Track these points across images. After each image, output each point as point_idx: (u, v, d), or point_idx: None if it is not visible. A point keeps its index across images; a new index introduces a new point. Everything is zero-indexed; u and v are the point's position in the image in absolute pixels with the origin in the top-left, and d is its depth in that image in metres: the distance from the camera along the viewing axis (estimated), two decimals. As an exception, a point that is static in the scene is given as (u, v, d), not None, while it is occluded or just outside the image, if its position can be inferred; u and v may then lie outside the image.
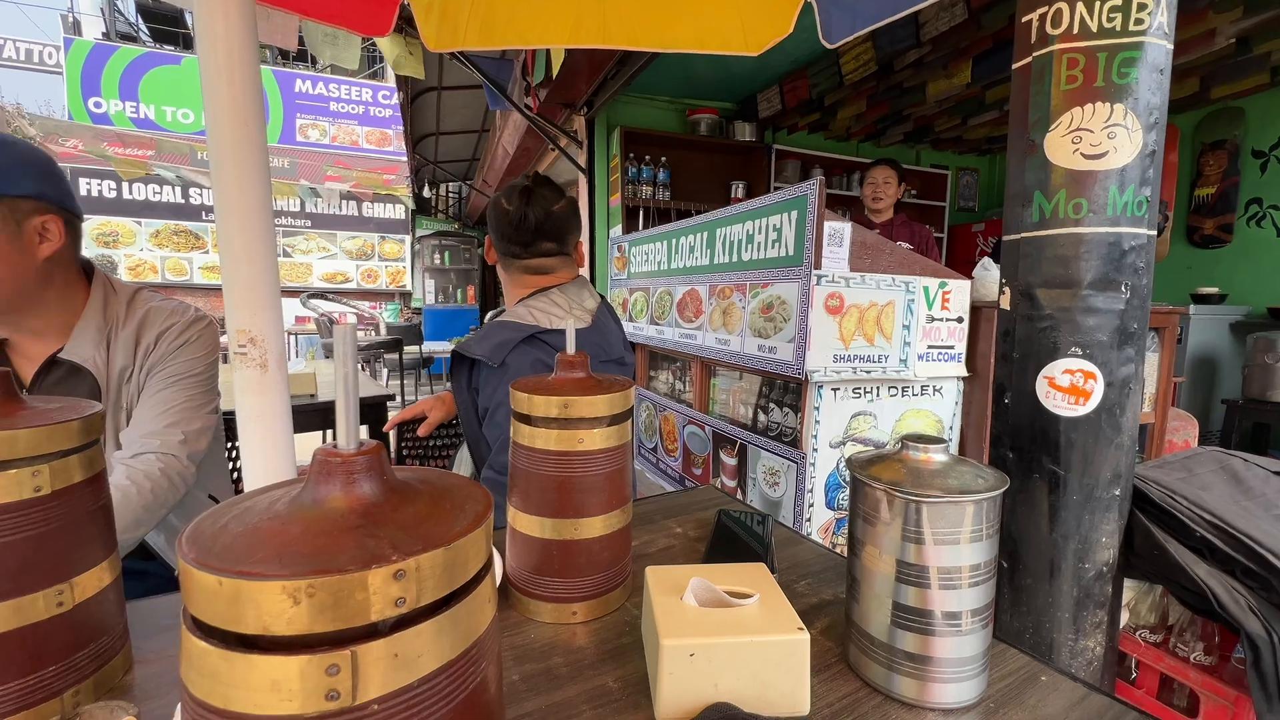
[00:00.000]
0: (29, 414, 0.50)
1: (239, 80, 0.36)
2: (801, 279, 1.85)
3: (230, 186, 0.37)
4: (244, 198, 0.37)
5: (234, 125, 0.36)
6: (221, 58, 0.35)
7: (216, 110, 0.36)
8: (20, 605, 0.48)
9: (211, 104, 0.36)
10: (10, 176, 0.88)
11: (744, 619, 0.53)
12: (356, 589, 0.24)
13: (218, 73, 0.35)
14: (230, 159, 0.36)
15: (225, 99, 0.35)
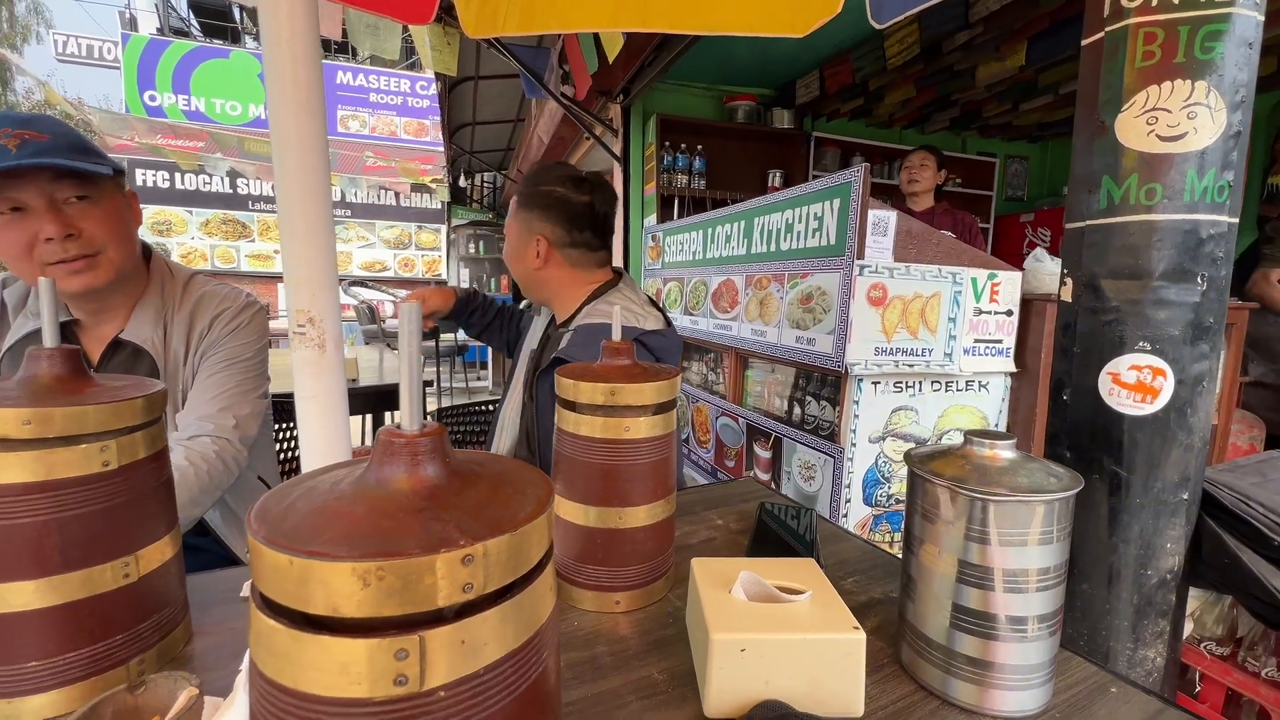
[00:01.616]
0: (97, 391, 0.51)
1: (302, 69, 0.36)
2: (843, 269, 1.80)
3: (292, 171, 0.36)
4: (305, 181, 0.37)
5: (296, 112, 0.36)
6: (285, 48, 0.35)
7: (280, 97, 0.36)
8: (89, 576, 0.50)
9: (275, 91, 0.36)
10: (105, 157, 0.92)
11: (796, 615, 0.51)
12: (425, 573, 0.23)
13: (281, 62, 0.35)
14: (293, 145, 0.36)
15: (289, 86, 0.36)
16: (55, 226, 0.89)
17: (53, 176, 0.89)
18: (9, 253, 0.89)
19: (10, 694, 0.48)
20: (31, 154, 0.87)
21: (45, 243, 0.89)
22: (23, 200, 0.88)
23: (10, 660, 0.48)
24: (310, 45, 0.38)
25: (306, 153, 0.37)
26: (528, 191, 1.26)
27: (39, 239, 0.89)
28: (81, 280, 0.94)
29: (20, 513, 0.47)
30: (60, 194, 0.91)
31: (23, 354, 0.99)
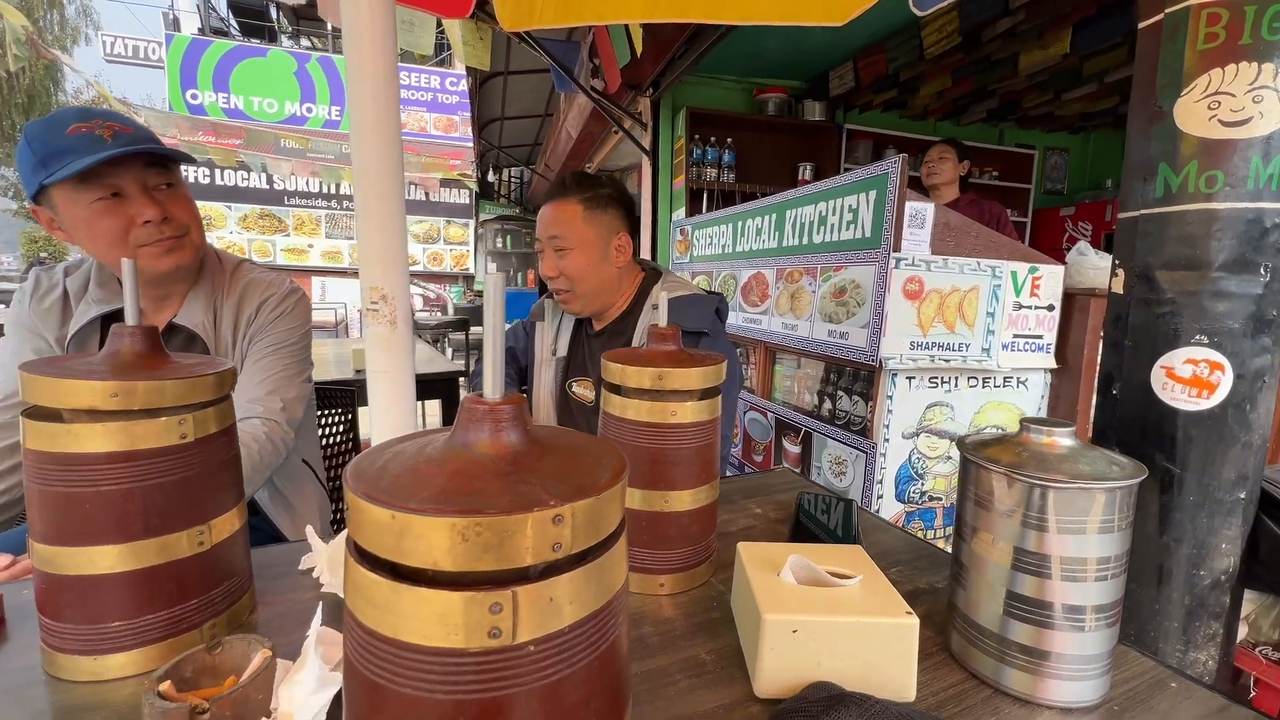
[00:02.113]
0: (174, 367, 0.54)
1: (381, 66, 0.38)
2: (878, 262, 1.78)
3: (369, 159, 0.38)
4: (380, 168, 0.38)
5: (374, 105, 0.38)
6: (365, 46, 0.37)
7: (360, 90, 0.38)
8: (167, 543, 0.52)
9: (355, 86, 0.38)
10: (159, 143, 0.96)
11: (847, 599, 0.51)
12: (519, 531, 0.24)
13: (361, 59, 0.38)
14: (370, 135, 0.38)
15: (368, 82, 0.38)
16: (153, 209, 0.94)
17: (145, 164, 0.94)
18: (106, 237, 0.93)
19: (95, 651, 0.51)
20: (127, 143, 0.92)
21: (142, 225, 0.94)
22: (121, 186, 0.93)
23: (96, 620, 0.50)
24: (388, 44, 0.39)
25: (382, 142, 0.39)
26: (596, 195, 1.23)
27: (135, 222, 0.94)
28: (172, 259, 0.99)
29: (107, 480, 0.49)
30: (151, 180, 0.96)
31: (86, 339, 1.04)
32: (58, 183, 0.88)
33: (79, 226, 0.92)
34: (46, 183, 0.88)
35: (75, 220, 0.92)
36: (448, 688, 0.25)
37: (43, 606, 0.51)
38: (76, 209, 0.91)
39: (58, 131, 0.88)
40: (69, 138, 0.88)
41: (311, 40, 10.83)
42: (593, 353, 1.36)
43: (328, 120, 8.67)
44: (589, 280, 1.25)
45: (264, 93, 8.46)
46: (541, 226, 1.26)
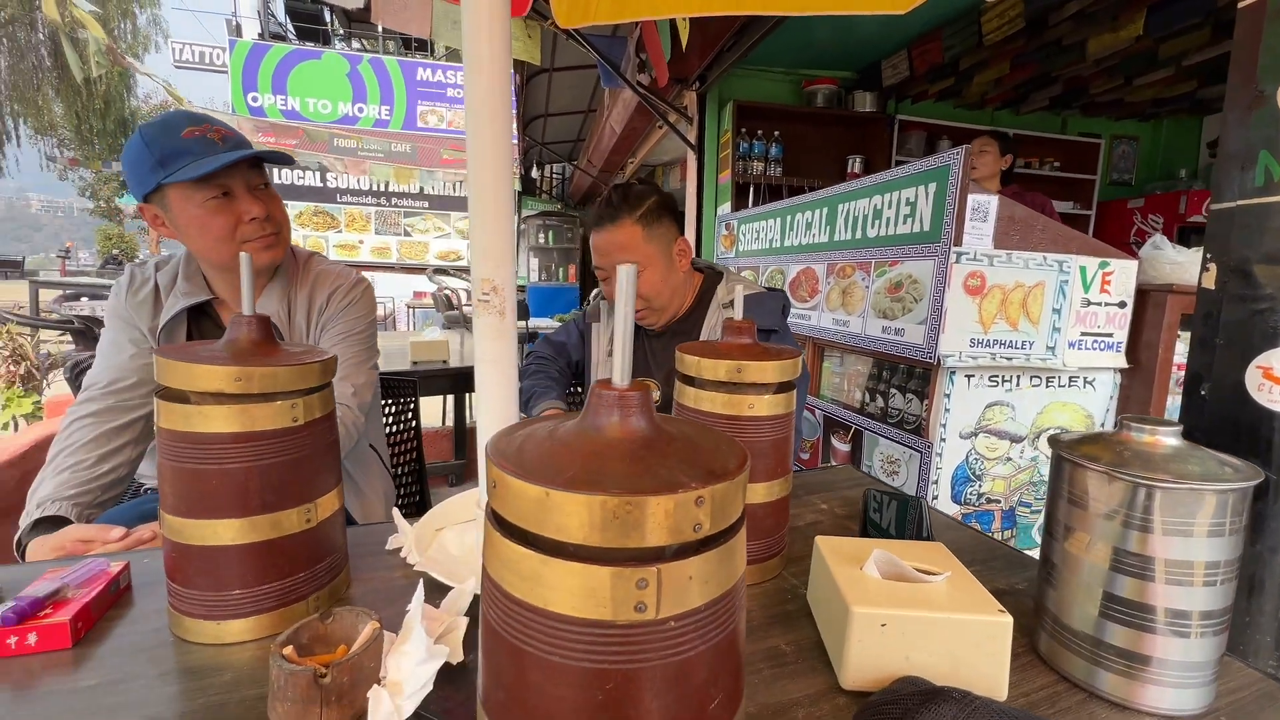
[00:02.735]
0: (285, 355, 0.57)
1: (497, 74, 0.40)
2: (938, 256, 1.73)
3: (484, 155, 0.40)
4: (493, 164, 0.40)
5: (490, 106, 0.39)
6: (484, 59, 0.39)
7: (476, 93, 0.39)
8: (279, 519, 0.56)
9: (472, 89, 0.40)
10: None
11: (935, 595, 0.51)
12: (666, 511, 0.25)
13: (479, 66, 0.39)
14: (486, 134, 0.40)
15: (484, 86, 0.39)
16: (259, 208, 1.02)
17: (249, 166, 1.01)
18: (216, 234, 1.00)
19: (218, 617, 0.55)
20: (233, 146, 0.99)
21: (248, 223, 1.01)
22: (230, 186, 1.00)
23: (219, 587, 0.54)
24: (504, 54, 0.41)
25: (496, 146, 0.41)
26: (648, 209, 1.22)
27: (242, 219, 1.01)
28: (270, 254, 1.06)
29: (229, 458, 0.53)
30: (253, 180, 1.03)
31: (174, 329, 1.11)
32: (175, 182, 0.94)
33: (190, 223, 0.98)
34: (165, 182, 0.94)
35: (187, 217, 0.98)
36: (594, 657, 0.26)
37: (171, 573, 0.56)
38: (189, 207, 0.97)
39: (173, 134, 0.95)
40: (185, 140, 0.94)
41: (362, 42, 11.16)
42: (654, 352, 1.37)
43: (378, 119, 8.93)
44: (663, 293, 1.27)
45: (318, 94, 8.77)
46: (602, 254, 1.25)
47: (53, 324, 4.30)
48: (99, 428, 0.99)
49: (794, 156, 3.86)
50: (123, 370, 1.05)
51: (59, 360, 3.19)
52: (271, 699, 0.45)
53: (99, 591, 0.57)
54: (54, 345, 4.28)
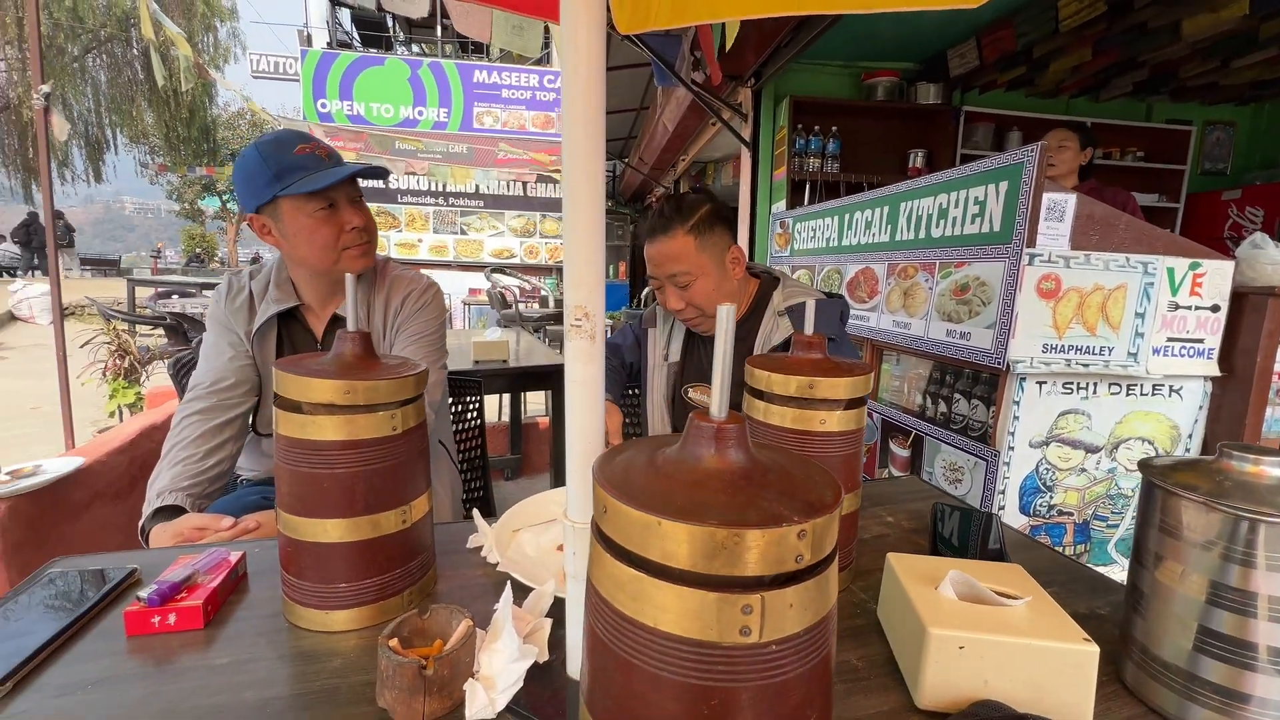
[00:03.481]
0: (384, 368, 0.62)
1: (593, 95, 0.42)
2: (1009, 258, 1.67)
3: (580, 184, 0.42)
4: (588, 194, 0.42)
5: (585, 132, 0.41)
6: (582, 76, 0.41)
7: (572, 119, 0.42)
8: (379, 520, 0.61)
9: (569, 115, 0.42)
10: None
11: (1015, 620, 0.51)
12: (771, 542, 0.27)
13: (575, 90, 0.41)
14: (581, 163, 0.42)
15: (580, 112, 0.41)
16: (359, 218, 1.11)
17: (349, 180, 1.10)
18: (323, 243, 1.09)
19: (326, 607, 0.60)
20: (336, 163, 1.09)
21: (349, 231, 1.10)
22: (335, 198, 1.09)
23: (327, 580, 0.60)
24: (598, 74, 0.43)
25: (590, 181, 0.43)
26: (701, 218, 1.22)
27: (344, 229, 1.10)
28: (365, 260, 1.15)
29: (337, 464, 0.58)
30: (353, 194, 1.12)
31: (265, 333, 1.20)
32: (289, 195, 1.02)
33: (300, 233, 1.07)
34: (281, 194, 1.03)
35: (297, 227, 1.07)
36: (700, 674, 0.28)
37: (286, 565, 0.61)
38: (300, 217, 1.06)
39: (287, 151, 1.04)
40: (297, 156, 1.03)
41: (422, 47, 11.55)
42: (709, 358, 1.38)
43: (436, 122, 9.23)
44: (714, 302, 1.26)
45: (381, 99, 9.14)
46: (656, 265, 1.26)
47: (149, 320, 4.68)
48: (205, 424, 1.08)
49: (852, 152, 3.77)
50: (223, 371, 1.14)
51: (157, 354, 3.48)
52: (380, 686, 0.50)
53: (223, 578, 0.64)
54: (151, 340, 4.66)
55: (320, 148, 1.08)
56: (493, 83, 9.40)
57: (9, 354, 7.12)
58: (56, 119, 2.83)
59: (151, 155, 16.83)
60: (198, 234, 20.37)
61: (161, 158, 16.74)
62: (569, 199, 0.44)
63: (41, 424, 4.28)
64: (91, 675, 0.53)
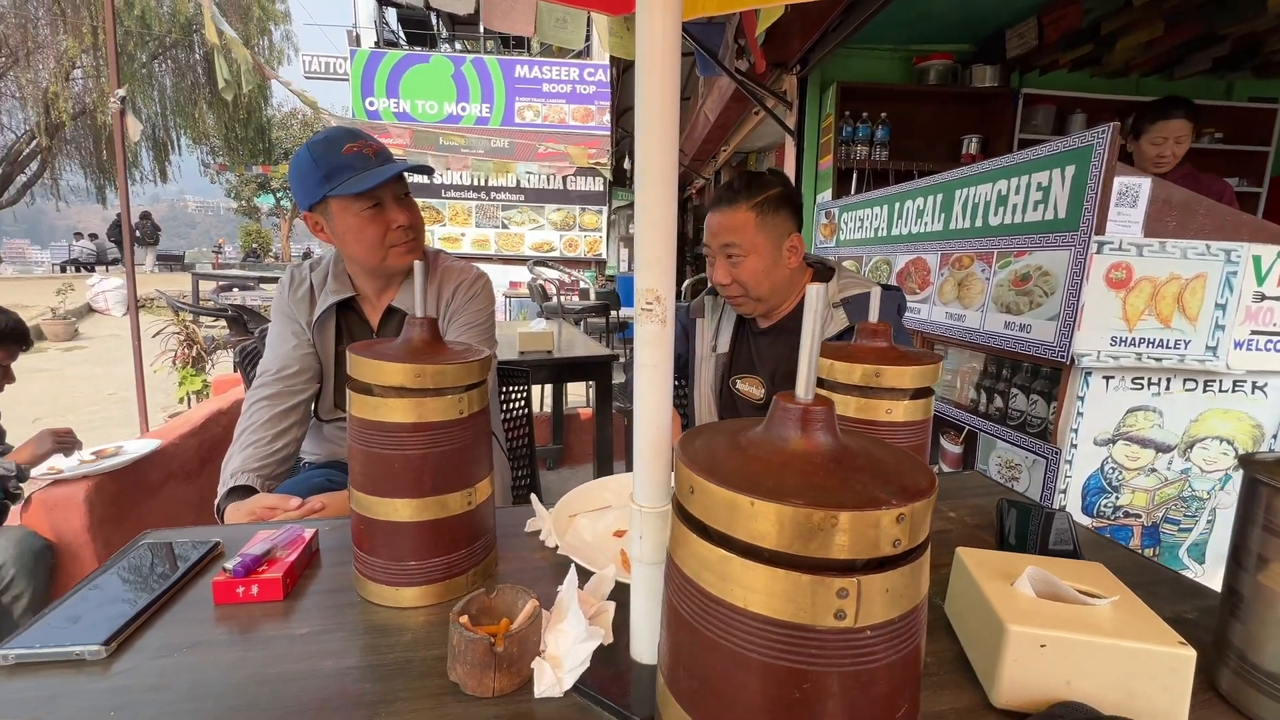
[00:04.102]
0: (450, 354, 0.63)
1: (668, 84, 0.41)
2: (1075, 246, 1.58)
3: (654, 168, 0.42)
4: (661, 177, 0.42)
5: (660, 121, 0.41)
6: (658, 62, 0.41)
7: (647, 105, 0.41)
8: (446, 501, 0.62)
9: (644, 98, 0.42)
10: None
11: (1102, 619, 0.48)
12: (870, 525, 0.26)
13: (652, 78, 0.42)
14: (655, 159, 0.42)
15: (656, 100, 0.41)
16: (405, 216, 1.13)
17: (395, 178, 1.11)
18: (371, 239, 1.12)
19: (396, 583, 0.62)
20: (384, 160, 1.11)
21: (395, 229, 1.12)
22: (381, 197, 1.11)
23: (397, 557, 0.62)
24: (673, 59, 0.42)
25: (664, 161, 0.43)
26: (767, 198, 1.22)
27: (391, 226, 1.12)
28: (411, 256, 1.17)
29: (407, 446, 0.60)
30: (399, 191, 1.14)
31: (325, 323, 1.24)
32: (337, 195, 1.05)
33: (348, 231, 1.10)
34: (330, 195, 1.05)
35: (345, 226, 1.09)
36: (790, 656, 0.28)
37: (359, 542, 0.64)
38: (348, 216, 1.08)
39: (335, 150, 1.06)
40: (345, 156, 1.05)
41: (464, 43, 11.74)
42: (759, 350, 1.36)
43: (479, 117, 9.37)
44: (763, 285, 1.25)
45: (426, 95, 9.33)
46: (711, 234, 1.26)
47: (212, 311, 4.92)
48: (272, 409, 1.13)
49: (902, 139, 3.64)
50: (288, 359, 1.19)
51: (221, 343, 3.66)
52: (451, 660, 0.51)
53: (299, 553, 0.67)
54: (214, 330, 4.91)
55: (369, 145, 1.09)
56: (533, 77, 9.48)
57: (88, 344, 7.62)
58: (130, 120, 3.00)
59: (212, 155, 17.67)
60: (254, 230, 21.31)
61: (221, 157, 17.55)
62: (642, 183, 0.44)
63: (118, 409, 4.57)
64: (185, 639, 0.57)
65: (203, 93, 16.02)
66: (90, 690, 0.50)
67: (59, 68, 13.93)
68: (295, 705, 0.49)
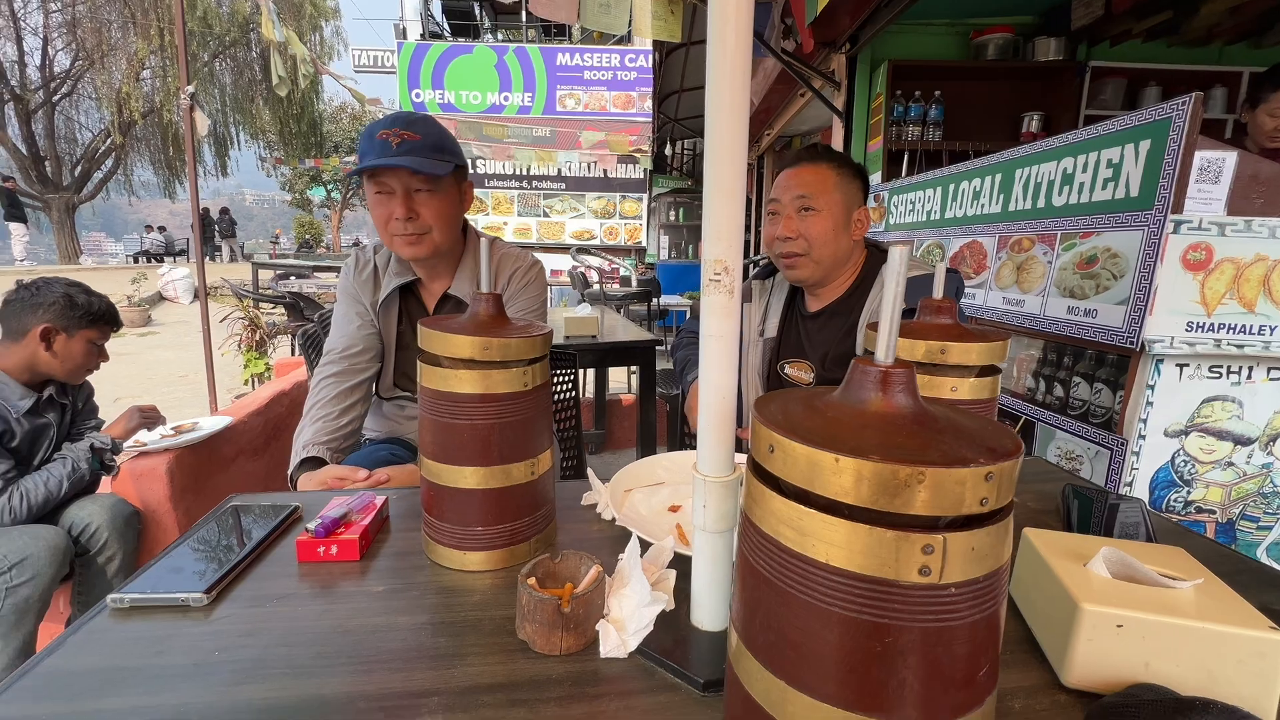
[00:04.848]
0: (515, 328, 0.65)
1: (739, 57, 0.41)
2: (1148, 225, 1.50)
3: (724, 138, 0.42)
4: (731, 148, 0.43)
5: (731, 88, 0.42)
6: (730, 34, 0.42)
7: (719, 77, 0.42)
8: (510, 470, 0.65)
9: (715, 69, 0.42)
10: (458, 151, 1.17)
11: (1184, 602, 0.47)
12: (957, 482, 0.27)
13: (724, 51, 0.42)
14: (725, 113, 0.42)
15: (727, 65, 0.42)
16: (402, 210, 1.15)
17: (410, 170, 1.13)
18: (378, 222, 1.18)
19: (463, 548, 0.65)
20: (405, 151, 1.12)
21: (394, 220, 1.16)
22: (390, 185, 1.15)
23: (464, 523, 0.65)
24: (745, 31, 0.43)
25: (734, 132, 0.43)
26: (847, 164, 1.23)
27: (392, 216, 1.15)
28: (411, 251, 1.19)
29: (474, 416, 0.62)
30: (413, 184, 1.15)
31: (389, 305, 1.29)
32: (362, 173, 1.11)
33: (370, 208, 1.17)
34: (354, 172, 1.12)
35: (369, 202, 1.17)
36: (873, 611, 0.28)
37: (428, 507, 0.67)
38: (370, 194, 1.15)
39: (372, 134, 1.11)
40: (375, 140, 1.10)
41: (507, 34, 11.84)
42: (809, 334, 1.34)
43: (521, 107, 9.45)
44: (828, 246, 1.22)
45: (470, 86, 9.46)
46: (784, 188, 1.24)
47: (271, 298, 5.17)
48: (339, 386, 1.19)
49: (956, 118, 3.50)
50: (353, 339, 1.24)
51: (281, 329, 3.83)
52: (520, 619, 0.54)
53: (372, 518, 0.71)
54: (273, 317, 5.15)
55: (400, 134, 1.11)
56: (575, 65, 9.48)
57: (160, 329, 8.11)
58: (199, 115, 3.16)
59: (268, 150, 18.42)
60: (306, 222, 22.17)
61: (276, 152, 18.28)
62: (712, 154, 0.44)
63: (188, 390, 4.86)
64: (274, 592, 0.61)
65: (259, 89, 16.68)
66: (195, 633, 0.54)
67: (130, 69, 14.73)
68: (378, 654, 0.52)
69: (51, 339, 1.49)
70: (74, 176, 16.49)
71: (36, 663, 0.50)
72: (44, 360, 1.49)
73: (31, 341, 1.47)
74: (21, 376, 1.49)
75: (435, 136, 1.16)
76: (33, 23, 15.04)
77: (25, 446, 1.50)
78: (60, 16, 15.04)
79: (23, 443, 1.49)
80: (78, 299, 1.53)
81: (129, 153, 16.82)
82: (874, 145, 3.59)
